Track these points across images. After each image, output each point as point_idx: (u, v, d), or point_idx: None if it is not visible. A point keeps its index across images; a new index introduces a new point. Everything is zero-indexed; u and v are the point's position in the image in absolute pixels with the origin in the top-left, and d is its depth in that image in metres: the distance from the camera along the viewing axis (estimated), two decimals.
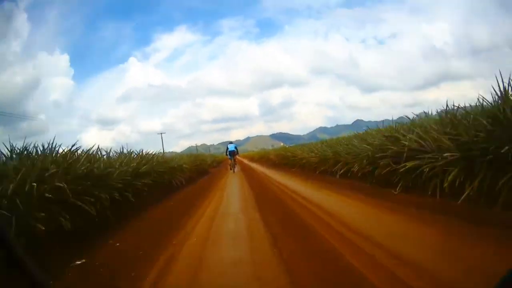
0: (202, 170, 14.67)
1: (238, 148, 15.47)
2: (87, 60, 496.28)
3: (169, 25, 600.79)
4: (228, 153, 14.71)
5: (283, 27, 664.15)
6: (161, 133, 43.03)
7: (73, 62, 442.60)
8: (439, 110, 4.88)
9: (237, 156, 15.44)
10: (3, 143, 3.60)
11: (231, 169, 14.68)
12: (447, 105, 4.29)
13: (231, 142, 15.10)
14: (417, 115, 5.70)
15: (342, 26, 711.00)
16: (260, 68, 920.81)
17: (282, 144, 40.40)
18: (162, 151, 15.06)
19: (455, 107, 4.16)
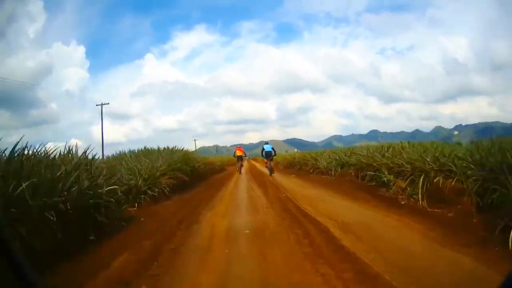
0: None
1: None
2: (104, 53, 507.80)
3: (188, 23, 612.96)
4: (264, 154, 13.46)
5: (302, 33, 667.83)
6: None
7: (89, 54, 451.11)
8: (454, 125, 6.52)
9: (270, 161, 13.66)
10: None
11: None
12: None
13: (266, 143, 13.86)
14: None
15: (360, 35, 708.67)
16: (279, 72, 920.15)
17: (296, 150, 42.67)
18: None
19: None
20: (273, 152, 13.37)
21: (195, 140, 55.69)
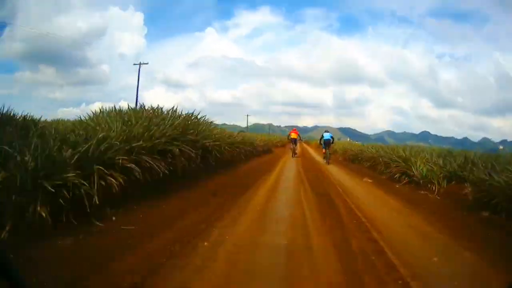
0: None
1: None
2: (163, 22, 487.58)
3: (252, 3, 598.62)
4: (322, 142, 12.93)
5: (366, 27, 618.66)
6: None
7: (148, 21, 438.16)
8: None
9: (328, 149, 12.80)
10: None
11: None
12: None
13: (326, 131, 13.25)
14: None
15: (420, 38, 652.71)
16: (339, 62, 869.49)
17: (349, 139, 39.41)
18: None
19: None
20: (331, 140, 12.97)
21: (247, 115, 54.30)
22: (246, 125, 55.72)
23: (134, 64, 25.69)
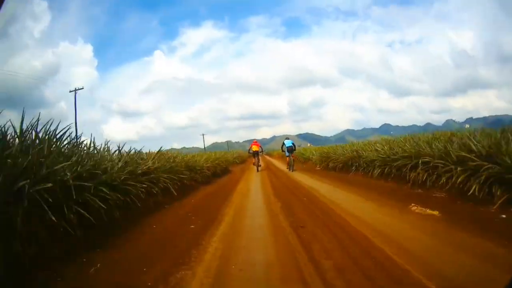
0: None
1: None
2: (111, 51, 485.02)
3: (195, 20, 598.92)
4: (285, 150, 13.08)
5: (311, 27, 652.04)
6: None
7: (97, 52, 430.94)
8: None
9: (291, 156, 13.07)
10: None
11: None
12: None
13: (287, 138, 13.64)
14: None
15: (369, 29, 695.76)
16: (289, 67, 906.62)
17: (309, 144, 38.78)
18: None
19: None
20: (293, 147, 13.18)
21: (203, 135, 51.60)
22: (203, 146, 52.94)
23: (70, 91, 23.42)
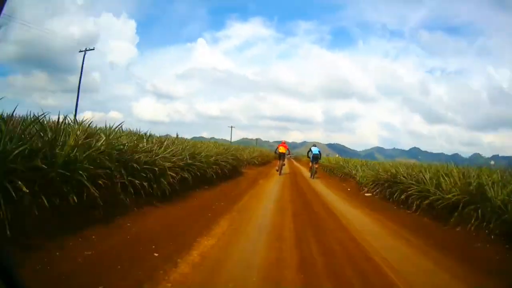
0: None
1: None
2: (154, 32, 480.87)
3: (244, 14, 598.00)
4: (311, 157, 12.66)
5: (357, 41, 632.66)
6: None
7: (140, 30, 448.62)
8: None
9: (316, 164, 12.72)
10: None
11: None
12: None
13: (314, 145, 13.08)
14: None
15: (412, 52, 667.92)
16: (329, 76, 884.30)
17: (337, 155, 35.18)
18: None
19: None
20: (319, 155, 12.86)
21: (231, 127, 46.79)
22: (230, 139, 49.83)
23: (80, 51, 21.01)
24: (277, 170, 12.90)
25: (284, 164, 13.16)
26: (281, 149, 13.08)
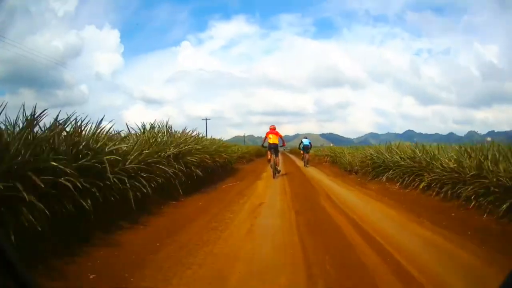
0: None
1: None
2: (139, 39, 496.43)
3: (226, 13, 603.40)
4: (302, 147, 14.49)
5: (341, 30, 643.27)
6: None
7: (124, 38, 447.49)
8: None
9: (307, 154, 14.62)
10: None
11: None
12: None
13: (305, 137, 14.83)
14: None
15: (398, 36, 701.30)
16: (318, 66, 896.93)
17: (331, 144, 36.87)
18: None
19: None
20: (310, 146, 14.62)
21: (206, 119, 37.19)
22: (223, 138, 50.70)
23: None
24: (271, 166, 9.09)
25: (277, 165, 9.05)
26: (272, 139, 9.01)
